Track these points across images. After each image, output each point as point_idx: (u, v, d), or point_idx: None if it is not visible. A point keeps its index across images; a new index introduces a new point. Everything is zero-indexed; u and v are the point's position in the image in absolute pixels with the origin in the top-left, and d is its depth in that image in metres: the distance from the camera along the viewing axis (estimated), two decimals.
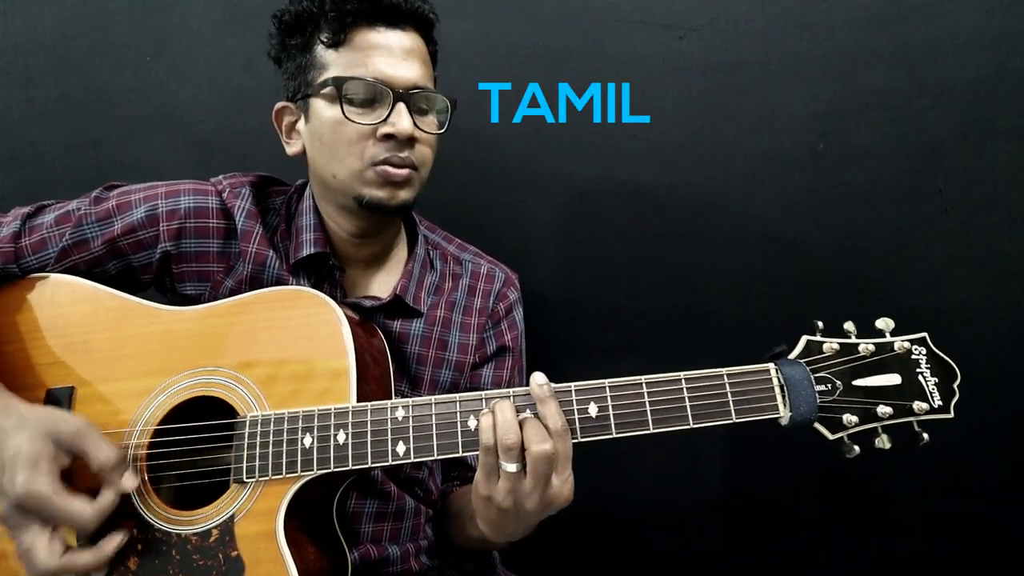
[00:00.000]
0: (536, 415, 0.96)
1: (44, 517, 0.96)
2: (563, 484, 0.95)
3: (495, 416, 0.95)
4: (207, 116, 1.75)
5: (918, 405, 0.97)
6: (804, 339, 1.01)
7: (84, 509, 0.97)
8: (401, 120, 1.15)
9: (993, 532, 1.60)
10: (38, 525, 0.96)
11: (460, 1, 1.66)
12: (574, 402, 0.98)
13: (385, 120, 1.16)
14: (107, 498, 1.00)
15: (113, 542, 1.01)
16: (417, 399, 1.02)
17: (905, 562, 1.63)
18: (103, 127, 1.77)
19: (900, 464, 1.58)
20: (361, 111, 1.16)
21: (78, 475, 1.01)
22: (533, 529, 1.03)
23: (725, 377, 0.98)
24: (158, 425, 1.08)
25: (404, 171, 1.18)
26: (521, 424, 0.95)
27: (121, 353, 1.14)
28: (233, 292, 1.23)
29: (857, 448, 0.97)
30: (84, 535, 1.01)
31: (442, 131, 1.25)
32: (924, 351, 1.00)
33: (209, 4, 1.74)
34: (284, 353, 1.09)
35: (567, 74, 1.66)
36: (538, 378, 0.97)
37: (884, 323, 1.01)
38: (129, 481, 1.02)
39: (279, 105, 1.27)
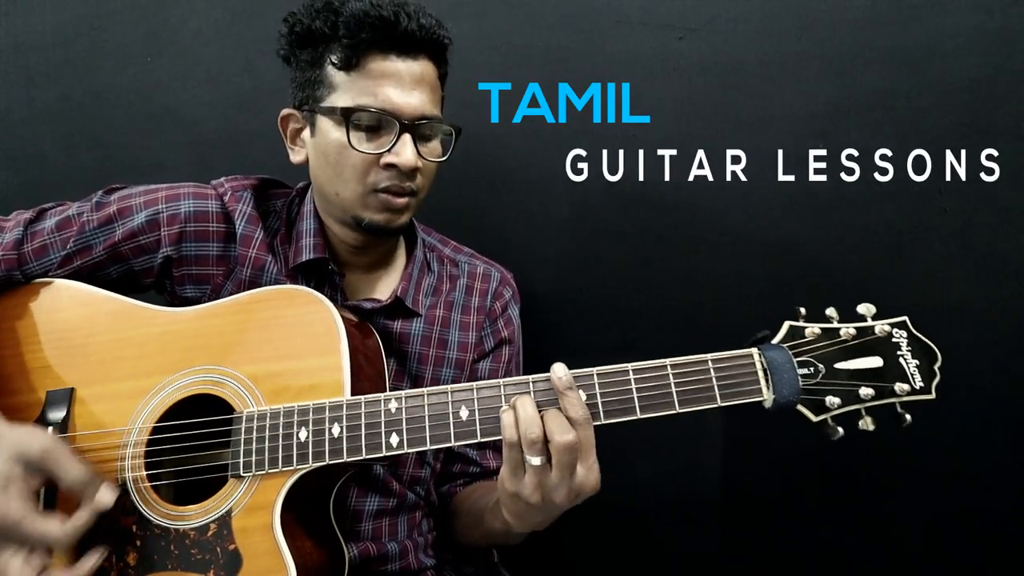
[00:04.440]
0: (556, 407, 0.96)
1: (17, 540, 0.96)
2: (588, 472, 0.95)
3: (516, 412, 0.95)
4: (208, 116, 1.75)
5: (900, 387, 0.97)
6: (787, 324, 1.03)
7: (56, 529, 0.96)
8: (405, 151, 1.15)
9: (993, 531, 1.60)
10: (11, 548, 0.96)
11: (460, 1, 1.66)
12: None
13: (390, 150, 1.16)
14: (81, 517, 0.98)
15: (89, 561, 1.00)
16: (410, 391, 1.03)
17: (905, 559, 1.63)
18: (103, 127, 1.77)
19: (899, 461, 1.58)
20: (366, 137, 1.16)
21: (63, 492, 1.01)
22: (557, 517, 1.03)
23: (710, 362, 0.99)
24: (156, 423, 1.08)
25: (404, 199, 1.20)
26: (543, 416, 0.94)
27: (120, 355, 1.14)
28: (232, 295, 1.23)
29: (841, 430, 0.98)
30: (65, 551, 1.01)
31: (444, 159, 1.26)
32: (905, 334, 1.01)
33: (209, 4, 1.74)
34: (280, 351, 1.09)
35: (567, 74, 1.66)
36: (558, 370, 0.97)
37: (866, 308, 1.02)
38: (105, 496, 1.00)
39: (285, 112, 1.26)
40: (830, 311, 1.03)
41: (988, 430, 1.56)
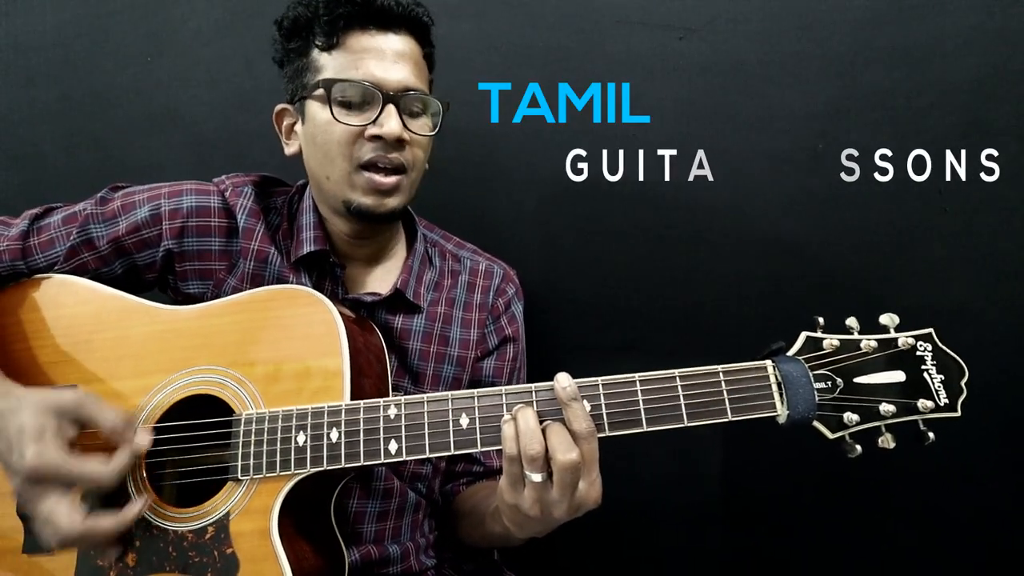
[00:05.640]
0: (560, 420, 0.94)
1: (61, 483, 0.97)
2: (590, 487, 0.93)
3: (517, 424, 0.93)
4: (208, 116, 1.75)
5: (923, 403, 0.93)
6: (803, 335, 0.98)
7: (100, 468, 0.98)
8: (390, 121, 1.16)
9: (993, 531, 1.60)
10: (56, 493, 0.97)
11: (460, 1, 1.66)
12: None
13: (374, 121, 1.16)
14: (122, 456, 1.01)
15: (135, 507, 1.01)
16: (409, 397, 1.02)
17: (904, 558, 1.63)
18: (103, 127, 1.77)
19: (900, 462, 1.56)
20: (351, 113, 1.17)
21: (89, 450, 1.01)
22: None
23: (721, 374, 0.96)
24: (156, 423, 1.08)
25: (392, 179, 1.20)
26: (545, 431, 0.93)
27: (122, 352, 1.14)
28: (236, 290, 1.24)
29: (859, 448, 0.94)
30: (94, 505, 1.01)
31: (433, 133, 1.25)
32: (930, 347, 0.97)
33: (209, 4, 1.74)
34: (280, 352, 1.09)
35: (567, 74, 1.66)
36: (562, 379, 0.94)
37: (889, 319, 0.98)
38: (142, 439, 1.03)
39: (279, 107, 1.29)
40: (850, 321, 0.99)
41: (988, 430, 1.56)
